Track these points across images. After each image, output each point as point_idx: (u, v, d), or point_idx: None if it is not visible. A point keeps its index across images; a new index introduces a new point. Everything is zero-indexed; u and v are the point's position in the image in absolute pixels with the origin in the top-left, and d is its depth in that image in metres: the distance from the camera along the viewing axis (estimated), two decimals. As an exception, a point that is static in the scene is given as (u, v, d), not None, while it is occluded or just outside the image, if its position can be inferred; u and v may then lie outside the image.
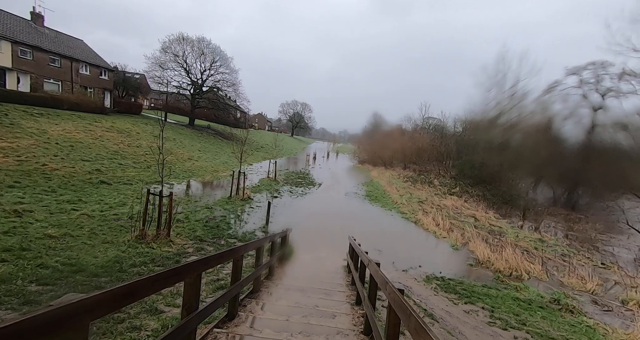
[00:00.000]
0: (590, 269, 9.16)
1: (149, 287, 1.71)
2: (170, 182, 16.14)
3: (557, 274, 8.43)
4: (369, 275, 3.48)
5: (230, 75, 41.01)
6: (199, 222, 10.22)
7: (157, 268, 5.83)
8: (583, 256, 10.47)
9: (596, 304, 6.85)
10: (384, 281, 2.37)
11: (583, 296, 7.19)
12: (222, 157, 28.72)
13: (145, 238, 7.50)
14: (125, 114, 31.58)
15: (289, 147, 57.38)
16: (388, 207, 15.94)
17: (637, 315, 6.39)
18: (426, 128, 47.16)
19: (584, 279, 7.92)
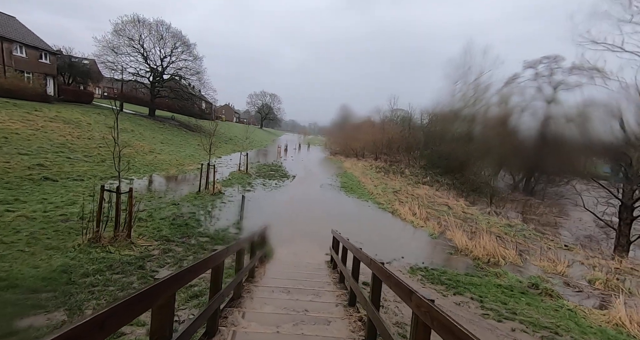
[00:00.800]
0: (556, 251, 9.69)
1: (97, 334, 1.11)
2: (130, 177, 14.65)
3: (530, 258, 8.78)
4: (372, 277, 3.08)
5: (194, 62, 38.38)
6: (165, 220, 9.26)
7: (116, 276, 5.01)
8: (547, 239, 11.12)
9: (568, 285, 7.17)
10: (409, 290, 1.95)
11: (555, 278, 7.51)
12: (187, 149, 26.93)
13: (100, 241, 6.52)
14: (73, 103, 28.28)
15: (258, 139, 55.71)
16: (364, 198, 15.85)
17: (604, 294, 6.77)
18: (395, 120, 48.16)
19: (554, 261, 8.31)
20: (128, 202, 7.06)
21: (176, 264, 6.04)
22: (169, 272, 1.87)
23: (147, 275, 5.21)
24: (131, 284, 4.69)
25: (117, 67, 32.52)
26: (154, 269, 5.56)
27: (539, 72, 27.67)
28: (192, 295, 4.43)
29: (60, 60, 30.43)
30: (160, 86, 37.40)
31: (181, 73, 37.90)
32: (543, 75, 27.41)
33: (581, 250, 9.97)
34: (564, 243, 10.67)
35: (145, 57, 34.91)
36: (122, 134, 24.72)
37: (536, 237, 11.21)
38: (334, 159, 38.04)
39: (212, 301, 2.78)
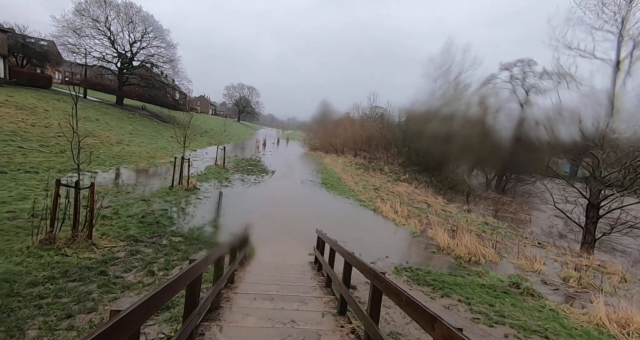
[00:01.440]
0: (531, 249, 10.01)
1: None
2: (94, 169, 13.46)
3: (508, 256, 8.98)
4: (371, 288, 2.77)
5: (167, 50, 36.22)
6: (133, 217, 8.49)
7: (72, 284, 4.36)
8: (522, 237, 11.52)
9: (545, 283, 7.36)
10: (430, 316, 1.64)
11: (533, 276, 7.68)
12: (159, 141, 25.42)
13: (54, 242, 5.75)
14: (28, 87, 25.71)
15: (236, 133, 54.09)
16: (346, 195, 15.66)
17: (579, 292, 7.00)
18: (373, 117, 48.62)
19: (531, 260, 8.53)
20: (89, 198, 6.30)
21: (145, 268, 5.44)
22: (133, 302, 1.43)
23: (110, 282, 4.60)
24: (90, 293, 4.09)
25: (79, 49, 29.85)
26: (118, 275, 4.94)
27: (514, 74, 28.85)
28: (162, 308, 3.91)
29: (12, 40, 27.45)
30: (129, 73, 34.96)
31: (153, 60, 35.66)
32: (517, 78, 28.60)
33: (553, 248, 10.42)
34: (537, 241, 11.10)
35: (112, 41, 32.41)
36: (86, 123, 22.81)
37: (511, 235, 11.58)
38: (314, 155, 37.68)
39: (186, 323, 2.34)
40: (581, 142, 18.27)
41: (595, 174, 10.67)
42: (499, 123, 27.40)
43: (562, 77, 24.87)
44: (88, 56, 31.71)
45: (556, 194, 13.25)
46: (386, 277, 2.49)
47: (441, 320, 1.54)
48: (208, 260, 2.75)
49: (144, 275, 5.13)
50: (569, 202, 11.98)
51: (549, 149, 24.71)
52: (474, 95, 26.60)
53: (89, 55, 31.51)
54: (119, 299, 4.02)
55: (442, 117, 27.19)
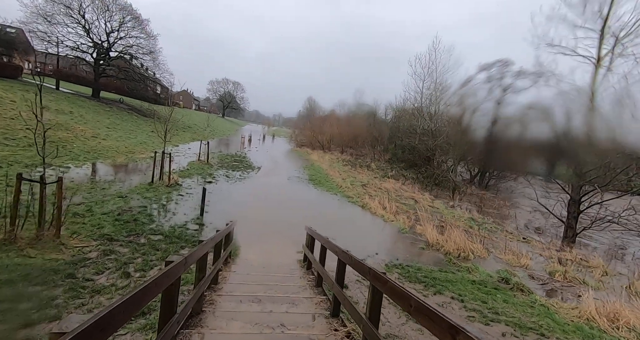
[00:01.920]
0: (516, 244, 10.14)
1: None
2: (66, 164, 12.64)
3: (495, 252, 9.03)
4: (370, 289, 2.53)
5: (147, 40, 34.61)
6: (108, 215, 7.93)
7: (34, 289, 3.90)
8: (507, 232, 11.69)
9: (532, 278, 7.41)
10: (451, 326, 1.40)
11: (520, 271, 7.73)
12: (139, 136, 24.32)
13: (16, 242, 5.21)
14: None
15: (220, 128, 52.84)
16: (333, 191, 15.45)
17: (564, 285, 7.08)
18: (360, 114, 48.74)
19: (517, 255, 8.61)
20: (57, 194, 5.75)
21: (119, 269, 5.01)
22: (84, 317, 1.11)
23: (78, 285, 4.16)
24: (53, 299, 3.65)
25: (50, 38, 28.03)
26: (88, 277, 4.50)
27: (492, 75, 29.47)
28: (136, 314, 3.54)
29: (-24, 25, 25.47)
30: (106, 64, 33.26)
31: (132, 51, 34.04)
32: (495, 78, 29.24)
33: (537, 243, 10.61)
34: (522, 236, 11.29)
35: (87, 30, 30.64)
36: (59, 115, 21.48)
37: (497, 231, 11.74)
38: (300, 151, 37.30)
39: (163, 332, 2.01)
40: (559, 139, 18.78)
41: (577, 171, 10.94)
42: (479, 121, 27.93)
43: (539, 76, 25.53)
44: (61, 45, 29.90)
45: (538, 190, 13.54)
46: (389, 278, 2.26)
47: (465, 332, 1.30)
48: (188, 262, 2.43)
49: (118, 277, 4.71)
50: (550, 198, 12.26)
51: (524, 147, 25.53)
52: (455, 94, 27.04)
53: (61, 44, 29.70)
54: (85, 305, 3.61)
55: (427, 115, 27.46)
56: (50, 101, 23.26)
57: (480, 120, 26.56)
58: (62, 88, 30.48)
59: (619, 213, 10.53)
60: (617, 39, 11.54)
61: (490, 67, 30.28)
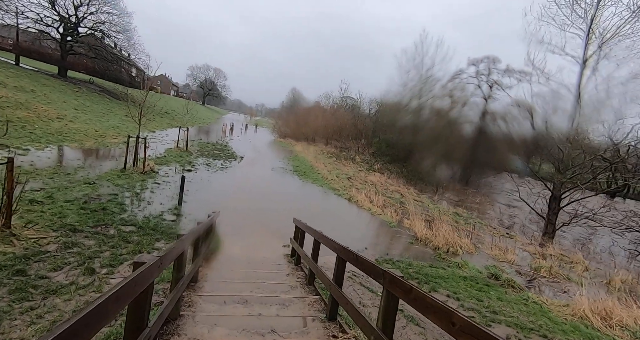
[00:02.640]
0: (500, 239, 10.23)
1: None
2: (25, 146, 11.44)
3: (482, 247, 9.03)
4: (384, 295, 2.15)
5: (120, 18, 32.17)
6: (72, 203, 7.12)
7: (-28, 290, 3.23)
8: (490, 227, 11.84)
9: (520, 274, 7.43)
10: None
11: (507, 267, 7.73)
12: (112, 120, 22.70)
13: (-45, 234, 4.43)
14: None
15: (201, 116, 50.75)
16: (319, 183, 15.05)
17: (550, 281, 7.13)
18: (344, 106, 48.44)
19: (503, 250, 8.64)
20: (7, 177, 4.95)
21: (82, 265, 4.37)
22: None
23: (29, 284, 3.52)
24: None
25: (8, 7, 25.34)
26: (43, 274, 3.85)
27: (480, 70, 29.92)
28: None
29: None
30: (74, 41, 30.65)
31: (103, 28, 31.54)
32: (483, 74, 29.72)
33: (519, 238, 10.80)
34: (505, 231, 11.47)
35: (52, 1, 27.95)
36: (18, 93, 19.52)
37: (481, 226, 11.85)
38: (284, 142, 36.54)
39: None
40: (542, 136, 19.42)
41: (560, 168, 11.17)
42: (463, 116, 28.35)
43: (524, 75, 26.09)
44: (21, 16, 27.12)
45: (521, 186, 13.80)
46: (412, 284, 1.88)
47: None
48: (164, 262, 1.93)
49: (79, 274, 4.09)
50: (532, 195, 12.52)
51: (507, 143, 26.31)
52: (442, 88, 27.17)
53: (21, 15, 26.94)
54: (35, 309, 3.01)
55: (412, 109, 27.50)
56: (7, 77, 21.09)
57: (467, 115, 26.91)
58: (22, 64, 27.86)
59: (596, 210, 10.91)
60: (602, 40, 11.76)
61: (478, 62, 30.69)
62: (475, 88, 30.59)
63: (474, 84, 30.52)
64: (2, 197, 5.03)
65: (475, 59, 30.36)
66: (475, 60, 30.43)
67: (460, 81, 29.91)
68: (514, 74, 29.35)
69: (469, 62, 30.46)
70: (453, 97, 28.44)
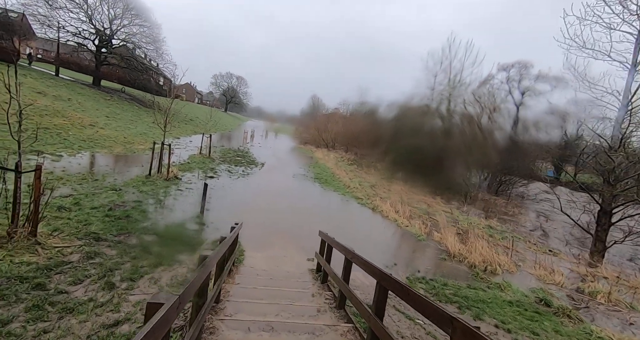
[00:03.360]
0: (542, 256, 9.31)
1: None
2: (58, 152, 11.85)
3: (523, 265, 8.21)
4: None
5: (150, 29, 33.71)
6: (97, 210, 7.12)
7: (-10, 305, 3.08)
8: (530, 242, 10.88)
9: (572, 299, 6.60)
10: None
11: (556, 290, 6.91)
12: (139, 126, 23.50)
13: (-18, 242, 4.40)
14: (-9, 59, 23.06)
15: (223, 122, 51.95)
16: (341, 192, 14.62)
17: (610, 309, 6.26)
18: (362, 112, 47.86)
19: (548, 270, 7.79)
20: (34, 185, 4.93)
21: (102, 278, 4.19)
22: None
23: (47, 300, 3.34)
24: (7, 323, 2.83)
25: (50, 22, 27.14)
26: (62, 289, 3.68)
27: (511, 76, 28.55)
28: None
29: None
30: (108, 52, 32.36)
31: (135, 40, 33.13)
32: (514, 80, 28.33)
33: (564, 256, 9.81)
34: (546, 247, 10.48)
35: (89, 15, 29.72)
36: (56, 102, 20.63)
37: (518, 240, 10.92)
38: (304, 148, 36.48)
39: None
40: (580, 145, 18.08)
41: (610, 179, 10.11)
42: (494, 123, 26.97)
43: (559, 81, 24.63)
44: (62, 31, 29.01)
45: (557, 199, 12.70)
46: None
47: None
48: (184, 300, 1.60)
49: (98, 288, 3.89)
50: (576, 208, 11.43)
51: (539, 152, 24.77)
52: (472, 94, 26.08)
53: (62, 29, 28.82)
54: (48, 332, 2.79)
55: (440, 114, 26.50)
56: (48, 87, 22.42)
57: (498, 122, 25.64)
58: (62, 75, 29.64)
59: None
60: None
61: (509, 68, 29.34)
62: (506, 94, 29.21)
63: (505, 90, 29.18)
64: (29, 205, 5.01)
65: (506, 64, 28.99)
66: (506, 65, 29.07)
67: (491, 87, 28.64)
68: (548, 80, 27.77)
69: (499, 67, 29.08)
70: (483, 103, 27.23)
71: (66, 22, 29.11)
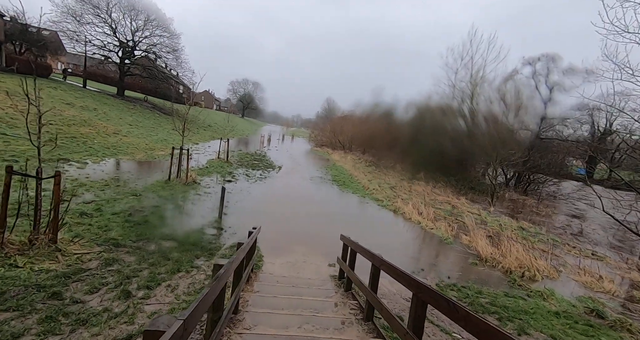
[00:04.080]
0: (584, 260, 8.51)
1: None
2: (84, 160, 12.18)
3: (564, 271, 7.49)
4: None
5: (170, 39, 34.83)
6: (118, 215, 7.14)
7: (1, 316, 2.97)
8: (569, 245, 10.02)
9: (629, 310, 5.88)
10: None
11: (608, 300, 6.20)
12: (160, 133, 24.12)
13: (3, 247, 4.40)
14: (26, 75, 24.50)
15: (240, 128, 52.77)
16: (360, 194, 14.20)
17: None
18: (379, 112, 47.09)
19: (595, 276, 7.05)
20: (54, 192, 4.91)
21: (119, 286, 4.06)
22: None
23: (61, 311, 3.20)
24: (17, 336, 2.69)
25: (79, 37, 28.57)
26: (78, 298, 3.55)
27: (537, 70, 27.10)
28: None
29: (11, 26, 26.25)
30: (131, 63, 33.67)
31: (155, 50, 34.29)
32: (540, 74, 26.87)
33: (610, 260, 8.92)
34: (590, 251, 9.59)
35: (113, 29, 31.07)
36: (83, 112, 21.56)
37: (555, 243, 10.08)
38: (321, 151, 36.25)
39: None
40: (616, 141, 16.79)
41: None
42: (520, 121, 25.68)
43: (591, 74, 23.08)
44: (89, 45, 30.46)
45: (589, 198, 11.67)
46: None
47: None
48: (189, 327, 1.32)
49: (114, 297, 3.74)
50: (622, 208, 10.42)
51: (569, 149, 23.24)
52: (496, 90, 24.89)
53: (89, 43, 30.26)
54: (59, 350, 2.62)
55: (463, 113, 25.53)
56: (75, 98, 23.50)
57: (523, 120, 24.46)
58: (89, 87, 31.06)
59: None
60: None
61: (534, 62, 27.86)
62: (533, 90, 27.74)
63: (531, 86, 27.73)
64: (50, 211, 5.00)
65: (531, 57, 27.61)
66: (531, 59, 27.67)
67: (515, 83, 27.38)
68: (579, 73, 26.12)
69: (524, 61, 27.79)
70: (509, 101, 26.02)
71: (92, 36, 30.58)
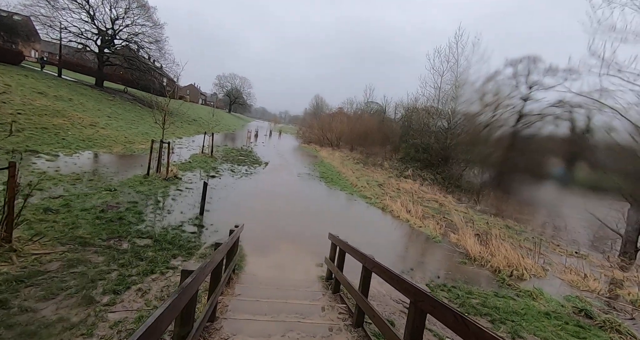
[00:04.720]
0: (568, 259, 8.59)
1: None
2: (55, 152, 11.39)
3: (551, 269, 7.50)
4: None
5: (153, 29, 33.40)
6: (89, 212, 6.59)
7: None
8: (552, 243, 10.14)
9: (613, 308, 5.89)
10: None
11: (594, 299, 6.20)
12: (141, 126, 23.10)
13: (-53, 249, 3.86)
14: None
15: (226, 123, 51.64)
16: (348, 191, 13.98)
17: (658, 319, 5.54)
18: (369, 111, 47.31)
19: (582, 274, 7.08)
20: (8, 185, 4.38)
21: (81, 290, 3.62)
22: None
23: (6, 321, 2.76)
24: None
25: (52, 22, 26.90)
26: (27, 306, 3.11)
27: (518, 71, 27.66)
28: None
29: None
30: (110, 52, 32.10)
31: (137, 40, 32.81)
32: (521, 75, 27.45)
33: (593, 259, 9.06)
34: (573, 250, 9.73)
35: (91, 16, 29.46)
36: (57, 102, 20.30)
37: (540, 241, 10.17)
38: (308, 147, 35.88)
39: None
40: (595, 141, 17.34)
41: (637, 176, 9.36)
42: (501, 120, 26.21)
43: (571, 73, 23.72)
44: (64, 32, 28.78)
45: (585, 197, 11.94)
46: None
47: None
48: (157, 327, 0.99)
49: (74, 305, 3.31)
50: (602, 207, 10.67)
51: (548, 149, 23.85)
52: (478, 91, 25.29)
53: (65, 30, 28.58)
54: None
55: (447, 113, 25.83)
56: (49, 87, 22.12)
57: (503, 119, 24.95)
58: (64, 76, 29.43)
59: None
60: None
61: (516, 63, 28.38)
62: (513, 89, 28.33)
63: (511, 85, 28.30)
64: (4, 207, 4.47)
65: (514, 59, 28.19)
66: (514, 61, 28.24)
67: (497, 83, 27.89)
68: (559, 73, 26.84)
69: (506, 63, 28.36)
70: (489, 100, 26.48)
71: (68, 23, 28.88)
